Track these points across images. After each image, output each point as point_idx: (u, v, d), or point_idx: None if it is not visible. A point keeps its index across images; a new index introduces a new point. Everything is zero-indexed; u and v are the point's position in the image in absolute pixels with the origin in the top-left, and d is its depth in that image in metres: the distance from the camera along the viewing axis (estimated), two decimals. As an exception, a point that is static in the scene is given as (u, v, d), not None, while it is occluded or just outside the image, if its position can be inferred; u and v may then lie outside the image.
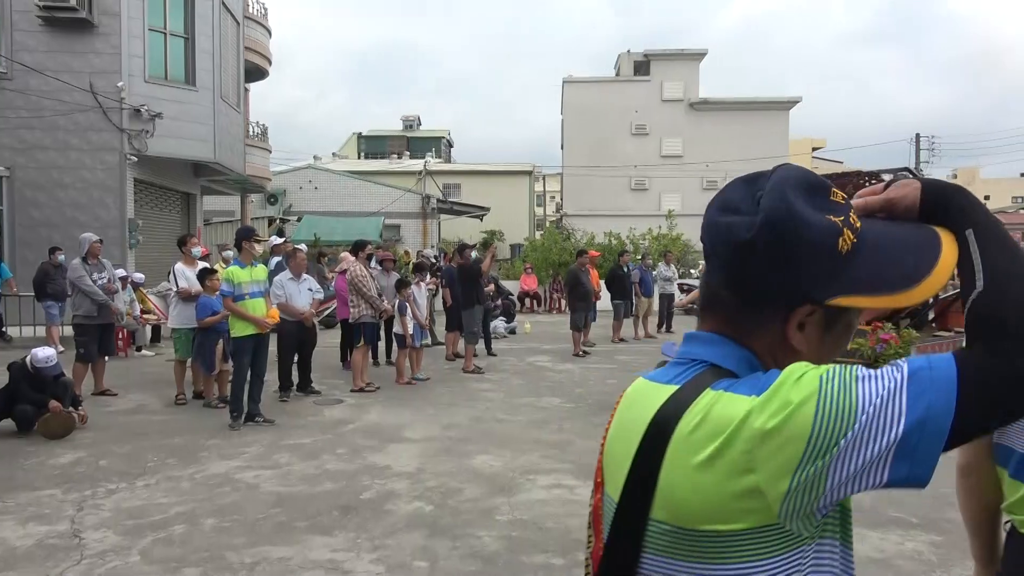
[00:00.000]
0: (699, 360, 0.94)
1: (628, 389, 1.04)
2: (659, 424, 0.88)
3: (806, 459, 0.79)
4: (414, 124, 47.51)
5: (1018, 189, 56.72)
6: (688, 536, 0.84)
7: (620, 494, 0.91)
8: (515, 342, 14.21)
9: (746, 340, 0.93)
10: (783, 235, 0.87)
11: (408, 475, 5.63)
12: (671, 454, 0.86)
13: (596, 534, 0.99)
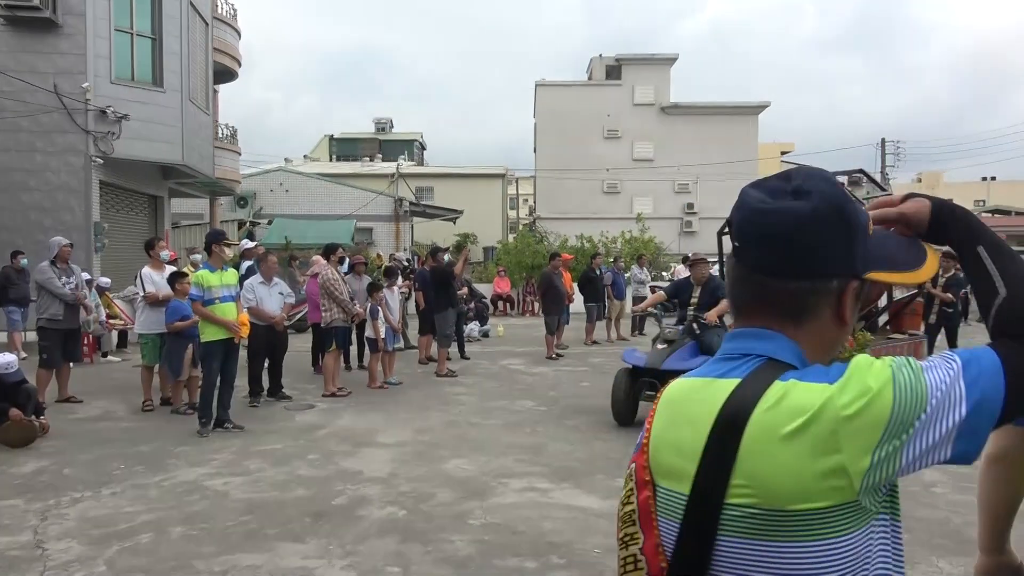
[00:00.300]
0: (753, 355, 0.99)
1: (668, 390, 1.09)
2: (731, 415, 0.93)
3: (885, 438, 0.87)
4: (386, 126, 47.26)
5: (980, 193, 57.98)
6: (773, 516, 0.89)
7: (692, 485, 0.95)
8: (488, 345, 14.20)
9: (794, 332, 0.99)
10: (843, 212, 0.98)
11: (381, 480, 5.60)
12: (750, 441, 0.91)
13: (647, 531, 1.01)
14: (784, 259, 0.97)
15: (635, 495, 1.04)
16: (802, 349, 0.99)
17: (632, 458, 1.08)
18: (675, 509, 0.98)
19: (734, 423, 0.92)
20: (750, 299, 1.03)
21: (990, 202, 55.83)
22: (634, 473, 1.05)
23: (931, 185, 59.31)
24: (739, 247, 1.02)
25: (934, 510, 4.92)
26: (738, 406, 0.93)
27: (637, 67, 34.38)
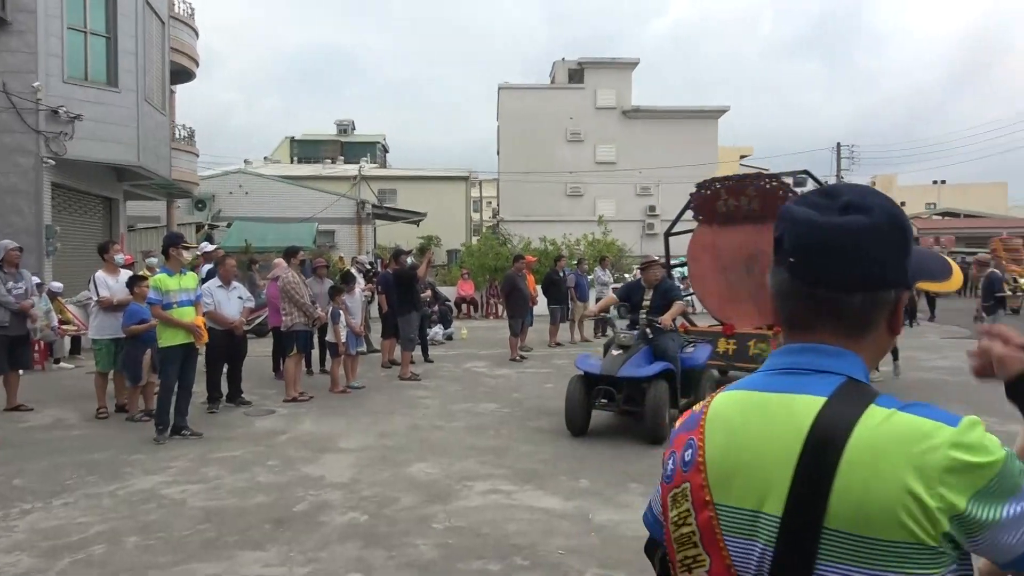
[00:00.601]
0: (827, 371, 0.99)
1: (720, 406, 1.06)
2: (824, 436, 0.92)
3: (985, 491, 0.89)
4: (348, 128, 46.85)
5: (931, 196, 59.63)
6: (868, 544, 0.88)
7: (785, 506, 0.93)
8: (452, 348, 14.15)
9: (855, 344, 1.01)
10: (902, 226, 1.01)
11: (343, 485, 5.54)
12: (849, 466, 0.90)
13: (713, 552, 0.99)
14: (849, 273, 0.98)
15: (692, 516, 1.01)
16: (865, 363, 1.02)
17: (681, 478, 1.04)
18: (750, 529, 0.97)
19: (831, 443, 0.91)
20: (809, 313, 1.02)
21: (940, 205, 57.46)
22: (690, 493, 1.02)
23: (885, 187, 60.79)
24: (796, 262, 1.01)
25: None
26: (834, 426, 0.93)
27: (599, 71, 34.64)
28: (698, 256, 9.76)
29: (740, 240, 9.15)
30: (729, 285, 9.30)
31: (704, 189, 9.66)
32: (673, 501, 1.04)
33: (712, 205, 9.46)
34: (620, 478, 5.67)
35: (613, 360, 6.92)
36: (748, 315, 9.05)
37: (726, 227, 9.35)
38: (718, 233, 9.45)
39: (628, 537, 4.48)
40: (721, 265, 9.37)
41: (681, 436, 1.07)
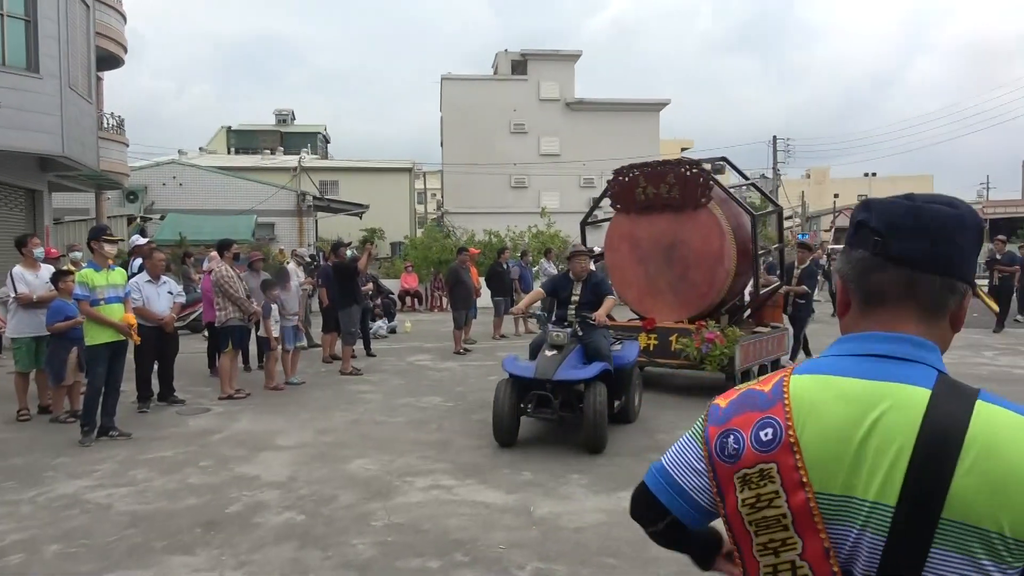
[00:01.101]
0: (919, 362, 1.03)
1: (805, 391, 1.05)
2: (940, 430, 0.95)
3: None
4: (288, 119, 45.82)
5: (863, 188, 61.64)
6: (982, 534, 0.92)
7: (899, 496, 0.94)
8: (396, 342, 13.98)
9: (927, 329, 1.07)
10: (978, 227, 1.08)
11: (279, 485, 5.38)
12: (967, 459, 0.93)
13: (808, 535, 0.99)
14: (933, 253, 1.04)
15: (783, 498, 1.00)
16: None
17: (758, 458, 1.03)
18: (854, 516, 0.97)
19: (950, 437, 0.94)
20: (889, 289, 1.07)
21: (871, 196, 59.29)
22: (778, 474, 1.01)
23: (818, 180, 62.64)
24: (883, 240, 1.06)
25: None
26: (949, 420, 0.96)
27: (542, 62, 34.66)
28: (616, 246, 9.26)
29: (660, 229, 8.81)
30: (648, 276, 8.90)
31: (622, 176, 9.12)
32: (745, 481, 1.03)
33: (631, 193, 8.99)
34: (562, 469, 5.66)
35: (547, 362, 6.22)
36: (668, 308, 8.77)
37: (645, 215, 8.93)
38: (636, 222, 9.01)
39: (569, 529, 4.48)
40: (640, 255, 8.96)
41: (747, 415, 1.06)
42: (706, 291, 8.62)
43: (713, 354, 8.09)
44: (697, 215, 8.58)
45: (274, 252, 20.83)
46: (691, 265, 8.62)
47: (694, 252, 8.58)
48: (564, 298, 7.03)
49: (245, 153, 40.57)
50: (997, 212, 47.61)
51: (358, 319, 10.37)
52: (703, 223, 8.56)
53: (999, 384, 8.98)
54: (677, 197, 8.63)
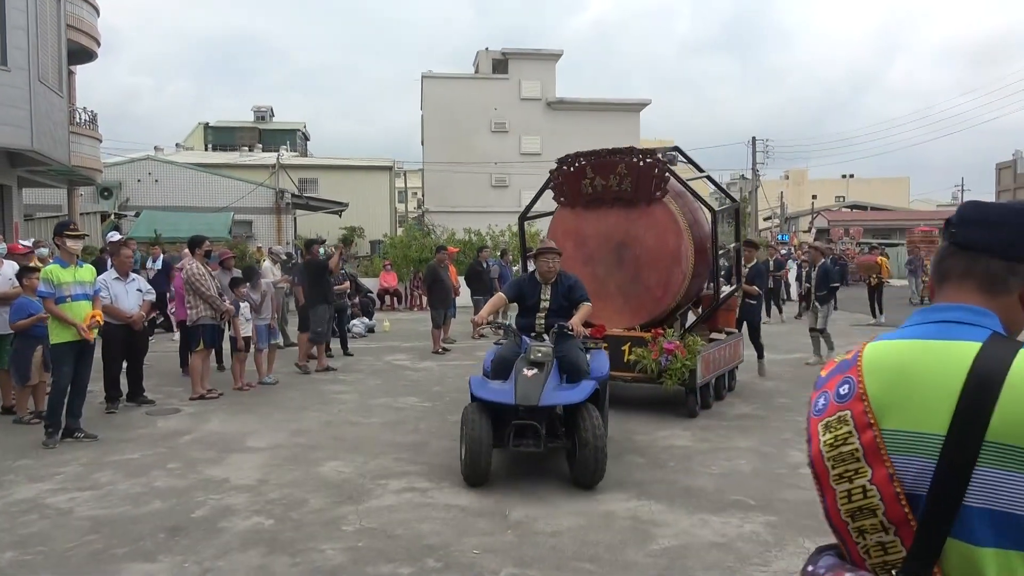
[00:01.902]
0: (976, 325, 1.23)
1: (876, 354, 1.28)
2: (985, 371, 1.15)
3: None
4: (267, 116, 45.36)
5: (840, 189, 62.25)
6: (1022, 454, 1.10)
7: (948, 426, 1.14)
8: (374, 341, 13.82)
9: (994, 303, 1.26)
10: None
11: (248, 488, 5.24)
12: (1009, 392, 1.11)
13: (875, 464, 1.20)
14: (994, 239, 1.26)
15: (855, 436, 1.22)
16: (1002, 324, 1.25)
17: (836, 408, 1.26)
18: (913, 446, 1.18)
19: (992, 375, 1.13)
20: (958, 268, 1.30)
21: (849, 198, 60.05)
22: (852, 418, 1.24)
23: (797, 181, 63.14)
24: (956, 230, 1.31)
25: (800, 491, 5.09)
26: (993, 362, 1.15)
27: (523, 61, 34.57)
28: (560, 245, 7.92)
29: (609, 225, 7.88)
30: (596, 278, 7.73)
31: (567, 166, 8.14)
32: (826, 427, 1.27)
33: (576, 185, 8.02)
34: (539, 471, 5.56)
35: (528, 383, 5.19)
36: (618, 313, 7.79)
37: (592, 210, 8.00)
38: (583, 217, 8.06)
39: (545, 533, 4.38)
40: (586, 255, 7.95)
41: (834, 379, 1.31)
42: (661, 295, 7.73)
43: (673, 367, 7.21)
44: (651, 210, 7.72)
45: (251, 250, 20.56)
46: (644, 266, 7.74)
47: (647, 251, 7.72)
48: (531, 305, 5.97)
49: (223, 150, 40.11)
50: (972, 214, 48.18)
51: (327, 318, 10.15)
52: (658, 219, 7.71)
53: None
54: (629, 190, 7.74)
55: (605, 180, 7.84)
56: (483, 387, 5.39)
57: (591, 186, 7.94)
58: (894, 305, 20.56)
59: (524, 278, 6.29)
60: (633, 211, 7.80)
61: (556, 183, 8.26)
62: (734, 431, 6.89)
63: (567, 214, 8.28)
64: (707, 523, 4.53)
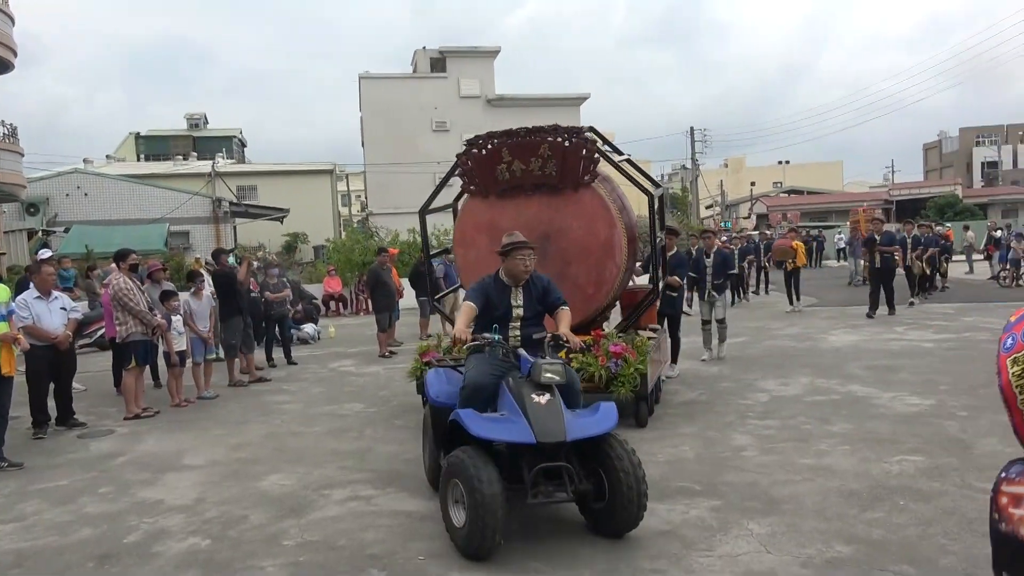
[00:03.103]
0: None
1: None
2: None
3: None
4: (200, 123, 44.22)
5: (777, 175, 63.81)
6: None
7: None
8: (319, 348, 13.57)
9: None
10: None
11: (184, 508, 5.04)
12: None
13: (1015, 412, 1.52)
14: None
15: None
16: None
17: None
18: None
19: None
20: None
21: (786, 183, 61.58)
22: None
23: (736, 169, 64.48)
24: None
25: (742, 473, 5.15)
26: None
27: (461, 59, 34.49)
28: (471, 240, 7.26)
29: (530, 216, 6.95)
30: None
31: (477, 148, 7.11)
32: (1013, 362, 1.51)
33: (490, 170, 7.07)
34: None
35: (547, 413, 3.99)
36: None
37: (510, 199, 7.09)
38: (498, 208, 7.12)
39: (491, 533, 4.31)
40: None
41: (1021, 323, 1.55)
42: (593, 292, 6.95)
43: (625, 373, 6.35)
44: (579, 197, 6.94)
45: (190, 261, 20.01)
46: (572, 260, 6.90)
47: (576, 244, 6.92)
48: (501, 314, 4.71)
49: (156, 160, 39.01)
50: (902, 194, 50.03)
51: (240, 330, 9.76)
52: (587, 207, 6.93)
53: (909, 357, 9.30)
54: (554, 174, 6.89)
55: (525, 164, 6.93)
56: (483, 423, 4.06)
57: (508, 171, 7.01)
58: (833, 286, 21.16)
59: (488, 282, 4.81)
60: (558, 198, 6.98)
61: (465, 169, 7.25)
62: (679, 418, 6.93)
63: (478, 205, 7.31)
64: (653, 512, 4.52)
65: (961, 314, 13.60)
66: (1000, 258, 20.23)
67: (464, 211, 7.51)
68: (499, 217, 7.03)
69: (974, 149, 63.27)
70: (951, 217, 38.25)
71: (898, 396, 7.23)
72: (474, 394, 4.40)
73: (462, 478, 3.85)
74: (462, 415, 4.10)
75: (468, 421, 4.04)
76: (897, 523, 4.15)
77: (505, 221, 6.82)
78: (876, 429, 6.10)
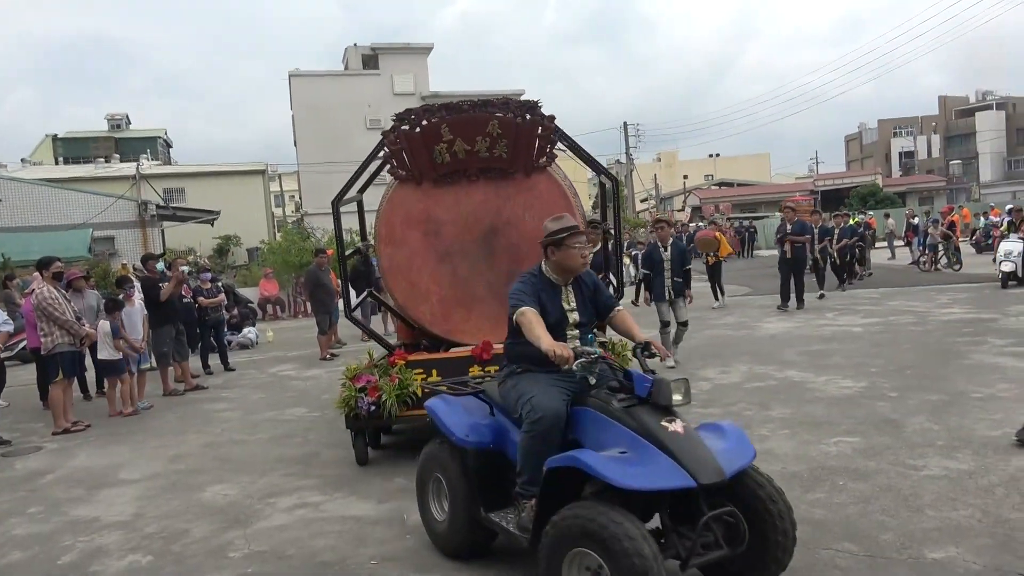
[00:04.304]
0: None
1: None
2: None
3: None
4: (122, 123, 42.56)
5: (708, 168, 65.29)
6: None
7: None
8: (257, 353, 13.25)
9: None
10: None
11: (122, 524, 4.85)
12: None
13: None
14: None
15: None
16: None
17: None
18: None
19: None
20: None
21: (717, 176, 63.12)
22: None
23: (668, 163, 65.75)
24: None
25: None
26: None
27: (394, 56, 34.14)
28: (401, 237, 6.09)
29: (474, 206, 6.03)
30: (457, 279, 6.04)
31: (411, 124, 5.94)
32: None
33: (426, 152, 5.96)
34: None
35: (690, 444, 3.10)
36: (491, 323, 5.71)
37: (450, 186, 6.04)
38: (436, 197, 6.05)
39: (445, 534, 4.28)
40: (442, 248, 6.05)
41: None
42: None
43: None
44: (532, 184, 6.03)
45: (116, 267, 19.25)
46: (524, 258, 5.73)
47: (528, 239, 5.73)
48: (556, 319, 3.67)
49: (75, 162, 37.41)
50: (826, 184, 51.90)
51: (169, 338, 9.42)
52: (542, 195, 6.00)
53: (840, 342, 9.64)
54: (504, 156, 5.95)
55: (469, 144, 5.90)
56: (624, 468, 2.97)
57: (448, 152, 5.93)
58: (764, 275, 21.77)
59: (533, 280, 3.73)
60: (508, 185, 6.03)
61: (394, 150, 6.05)
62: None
63: (410, 193, 6.08)
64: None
65: (886, 299, 14.18)
66: (919, 244, 21.19)
67: (391, 200, 6.17)
68: (436, 207, 6.07)
69: (892, 140, 66.07)
70: (873, 206, 39.82)
71: (832, 380, 7.49)
72: (554, 427, 3.34)
73: (603, 543, 2.80)
74: (589, 460, 2.96)
75: (604, 468, 2.92)
76: (837, 503, 4.30)
77: (443, 212, 6.06)
78: (813, 412, 6.30)
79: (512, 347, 3.76)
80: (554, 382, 3.50)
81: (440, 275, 6.02)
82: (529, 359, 3.56)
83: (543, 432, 3.32)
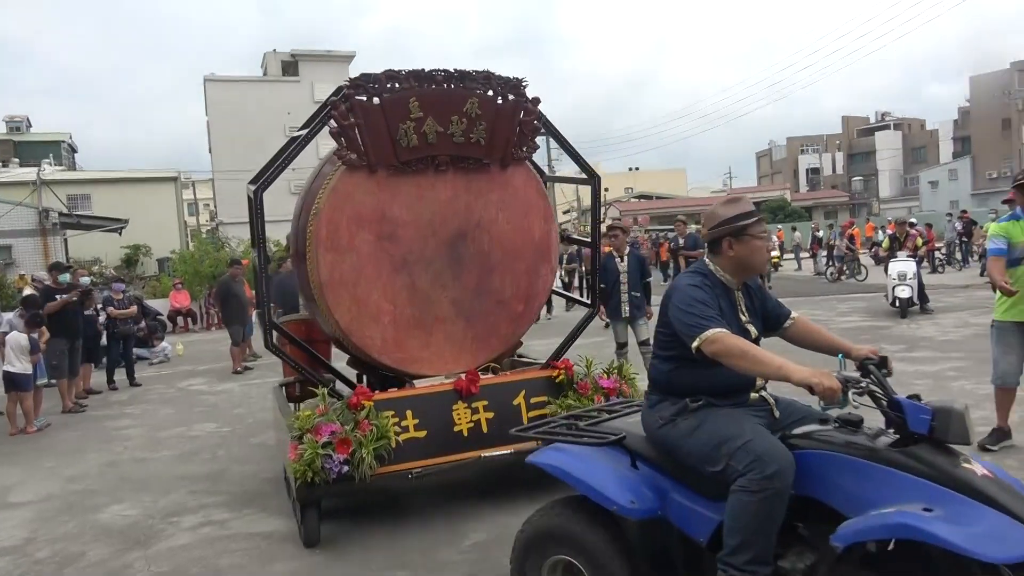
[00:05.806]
0: None
1: None
2: None
3: None
4: (22, 126, 40.30)
5: (629, 181, 66.86)
6: None
7: None
8: (166, 367, 12.76)
9: None
10: None
11: (11, 549, 4.60)
12: None
13: None
14: None
15: None
16: None
17: None
18: None
19: None
20: None
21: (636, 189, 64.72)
22: None
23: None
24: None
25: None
26: None
27: (315, 63, 33.66)
28: (347, 240, 4.68)
29: (440, 204, 4.88)
30: (414, 295, 4.85)
31: (368, 93, 4.56)
32: None
33: (384, 131, 4.62)
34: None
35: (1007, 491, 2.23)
36: (456, 348, 4.96)
37: (411, 176, 4.77)
38: (391, 189, 4.75)
39: (356, 546, 4.24)
40: (398, 256, 4.80)
41: None
42: (523, 310, 5.20)
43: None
44: (508, 178, 5.06)
45: (14, 279, 18.24)
46: (496, 267, 5.05)
47: (502, 244, 5.06)
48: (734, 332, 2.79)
49: (-32, 167, 35.07)
50: (740, 198, 53.91)
51: (63, 352, 8.99)
52: (519, 192, 5.11)
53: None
54: (482, 143, 4.86)
55: (443, 125, 4.71)
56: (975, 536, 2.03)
57: (416, 133, 4.66)
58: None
59: (707, 284, 2.83)
60: (481, 178, 4.96)
61: (345, 126, 4.57)
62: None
63: (361, 184, 4.69)
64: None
65: (792, 307, 14.80)
66: (823, 255, 22.32)
67: (335, 195, 4.64)
68: (392, 204, 4.75)
69: (799, 157, 69.26)
70: (782, 219, 41.61)
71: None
72: (789, 482, 2.44)
73: None
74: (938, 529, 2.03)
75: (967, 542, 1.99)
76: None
77: (401, 210, 4.78)
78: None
79: (675, 373, 2.79)
80: (753, 418, 2.75)
81: (395, 289, 4.78)
82: (710, 389, 2.73)
83: (780, 490, 2.40)
